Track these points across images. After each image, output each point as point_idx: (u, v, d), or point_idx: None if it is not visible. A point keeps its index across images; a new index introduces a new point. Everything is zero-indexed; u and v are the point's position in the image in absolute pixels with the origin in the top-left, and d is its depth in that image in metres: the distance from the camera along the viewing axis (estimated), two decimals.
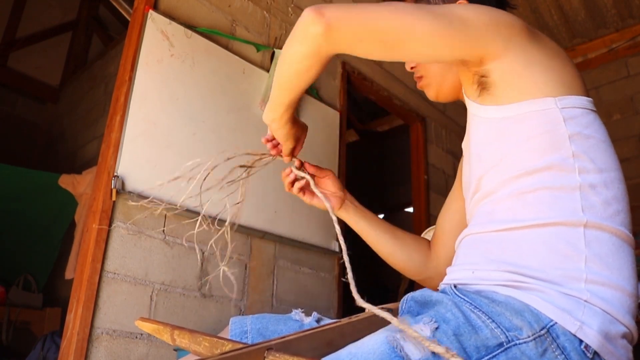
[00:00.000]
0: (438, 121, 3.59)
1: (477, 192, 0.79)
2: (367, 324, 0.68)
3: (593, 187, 0.69)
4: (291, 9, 2.65)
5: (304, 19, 0.70)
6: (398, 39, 0.69)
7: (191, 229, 1.92)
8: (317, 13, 0.68)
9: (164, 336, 0.71)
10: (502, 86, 0.73)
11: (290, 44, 0.75)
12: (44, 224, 3.20)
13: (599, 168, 0.70)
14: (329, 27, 0.68)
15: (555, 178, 0.69)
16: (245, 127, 2.21)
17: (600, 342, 0.61)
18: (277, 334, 0.81)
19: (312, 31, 0.69)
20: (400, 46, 0.70)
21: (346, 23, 0.68)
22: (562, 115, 0.71)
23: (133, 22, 2.00)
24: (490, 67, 0.73)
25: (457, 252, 0.82)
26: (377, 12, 0.68)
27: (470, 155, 0.83)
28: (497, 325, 0.61)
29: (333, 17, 0.68)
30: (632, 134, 3.68)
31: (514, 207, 0.71)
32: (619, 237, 0.68)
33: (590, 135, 0.72)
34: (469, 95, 0.80)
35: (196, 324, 1.87)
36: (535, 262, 0.67)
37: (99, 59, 3.90)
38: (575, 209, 0.68)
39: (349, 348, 0.60)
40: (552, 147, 0.70)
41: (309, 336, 0.60)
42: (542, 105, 0.71)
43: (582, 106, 0.73)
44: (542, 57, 0.73)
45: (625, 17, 3.73)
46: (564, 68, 0.75)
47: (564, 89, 0.72)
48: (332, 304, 2.43)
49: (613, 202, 0.69)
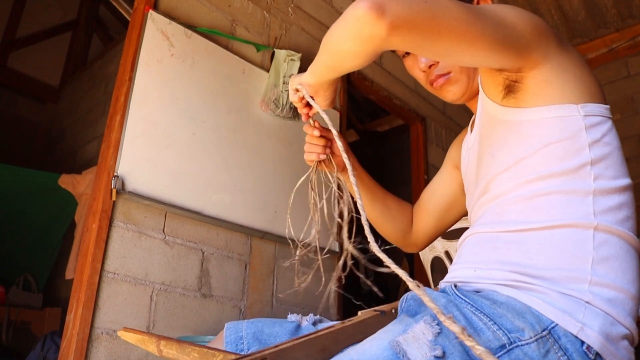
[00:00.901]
0: (438, 121, 3.58)
1: (486, 193, 0.79)
2: (360, 327, 0.67)
3: (607, 192, 0.69)
4: (291, 9, 2.64)
5: (361, 15, 0.60)
6: (459, 48, 0.66)
7: (191, 229, 1.92)
8: (377, 11, 0.59)
9: (150, 347, 0.67)
10: (531, 92, 0.73)
11: (340, 37, 0.66)
12: (44, 224, 3.20)
13: (614, 175, 0.71)
14: (392, 30, 0.60)
15: (569, 183, 0.69)
16: (245, 127, 2.21)
17: (601, 343, 0.61)
18: (273, 337, 0.81)
19: (370, 32, 0.61)
20: (458, 54, 0.68)
21: (411, 27, 0.61)
22: (584, 123, 0.71)
23: (133, 22, 2.00)
24: (526, 74, 0.73)
25: (460, 250, 0.82)
26: (441, 17, 0.62)
27: (481, 153, 0.82)
28: (499, 327, 0.61)
29: (397, 19, 0.60)
30: (632, 134, 3.68)
31: (525, 210, 0.71)
32: (627, 242, 0.69)
33: (609, 142, 0.72)
34: (491, 96, 0.78)
35: (196, 324, 1.87)
36: (542, 262, 0.67)
37: (99, 59, 3.90)
38: (587, 212, 0.68)
39: (349, 354, 0.59)
40: (572, 153, 0.70)
41: (302, 343, 0.59)
42: (565, 111, 0.71)
43: (602, 114, 0.73)
44: (571, 65, 0.73)
45: (625, 17, 3.73)
46: (588, 75, 0.75)
47: (587, 96, 0.73)
48: (332, 304, 2.43)
49: (624, 208, 0.70)
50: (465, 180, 0.95)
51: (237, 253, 2.07)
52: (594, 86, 0.75)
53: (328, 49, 0.71)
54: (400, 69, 3.30)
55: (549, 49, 0.72)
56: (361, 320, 0.68)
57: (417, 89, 3.41)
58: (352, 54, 0.67)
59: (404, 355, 0.55)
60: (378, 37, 0.61)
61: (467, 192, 0.93)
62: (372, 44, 0.63)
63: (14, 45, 4.27)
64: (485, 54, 0.68)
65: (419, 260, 1.63)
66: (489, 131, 0.80)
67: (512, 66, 0.72)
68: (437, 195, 1.07)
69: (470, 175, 0.90)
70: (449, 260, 1.55)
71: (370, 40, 0.62)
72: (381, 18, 0.59)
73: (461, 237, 0.83)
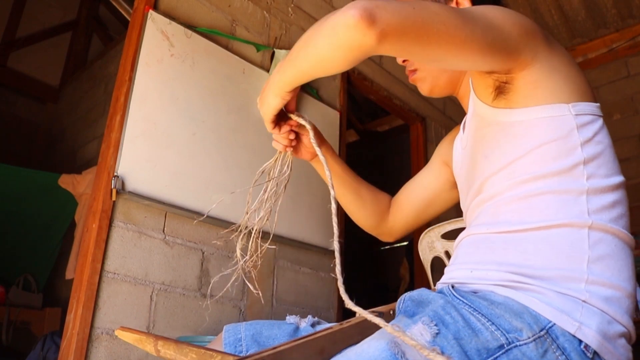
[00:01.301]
0: (438, 121, 3.58)
1: (480, 194, 0.79)
2: (358, 329, 0.67)
3: (600, 191, 0.70)
4: (291, 9, 2.65)
5: (351, 24, 0.59)
6: (449, 54, 0.66)
7: (191, 229, 1.92)
8: (367, 19, 0.58)
9: (147, 347, 0.66)
10: (522, 93, 0.73)
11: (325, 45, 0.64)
12: (44, 224, 3.20)
13: (606, 173, 0.71)
14: (383, 39, 0.59)
15: (563, 183, 0.70)
16: (245, 127, 2.21)
17: (599, 341, 0.61)
18: (272, 339, 0.81)
19: (361, 41, 0.60)
20: (448, 59, 0.68)
21: (401, 34, 0.60)
22: (575, 122, 0.71)
23: (133, 22, 2.00)
24: (516, 75, 0.73)
25: (456, 251, 0.82)
26: (430, 24, 0.61)
27: (474, 154, 0.82)
28: (497, 328, 0.61)
29: (388, 27, 0.59)
30: (632, 134, 3.68)
31: (520, 210, 0.71)
32: (621, 239, 0.69)
33: (600, 141, 0.72)
34: (481, 98, 0.78)
35: (196, 324, 1.87)
36: (538, 262, 0.67)
37: (99, 59, 3.90)
38: (582, 212, 0.68)
39: (347, 355, 0.59)
40: (564, 153, 0.70)
41: (300, 345, 0.59)
42: (556, 111, 0.71)
43: (593, 112, 0.73)
44: (560, 64, 0.74)
45: (625, 17, 3.73)
46: (577, 74, 0.75)
47: (577, 95, 0.73)
48: (332, 304, 2.43)
49: (617, 206, 0.71)
50: (459, 181, 0.95)
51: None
52: (583, 85, 0.75)
53: (309, 56, 0.68)
54: (400, 69, 3.30)
55: (537, 48, 0.72)
56: (359, 321, 0.68)
57: (417, 89, 3.40)
58: (338, 62, 0.65)
59: (402, 356, 0.55)
60: (368, 46, 0.60)
61: (461, 192, 0.93)
62: (360, 52, 0.62)
63: (14, 45, 4.27)
64: (475, 57, 0.68)
65: (419, 260, 1.63)
66: (481, 133, 0.80)
67: (502, 68, 0.72)
68: (421, 187, 1.08)
69: (463, 176, 0.90)
70: (449, 260, 1.55)
71: (359, 48, 0.61)
72: (372, 27, 0.58)
73: (457, 238, 0.83)
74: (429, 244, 1.54)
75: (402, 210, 1.09)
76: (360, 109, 4.94)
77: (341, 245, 0.69)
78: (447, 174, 1.05)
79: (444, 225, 1.49)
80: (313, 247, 2.35)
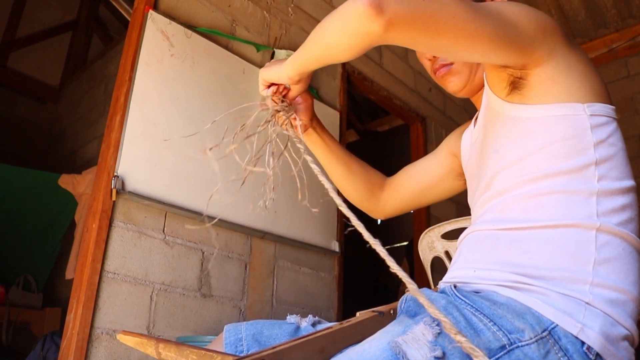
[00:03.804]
0: (438, 121, 3.58)
1: (488, 190, 0.79)
2: (359, 328, 0.67)
3: (610, 193, 0.69)
4: (291, 9, 2.64)
5: (360, 11, 0.61)
6: (457, 45, 0.66)
7: (191, 229, 1.92)
8: (376, 7, 0.60)
9: (148, 350, 0.67)
10: (537, 89, 0.73)
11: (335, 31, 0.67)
12: (44, 224, 3.20)
13: (618, 176, 0.71)
14: (390, 27, 0.61)
15: (573, 182, 0.69)
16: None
17: (602, 343, 0.61)
18: (272, 338, 0.81)
19: (369, 29, 0.61)
20: (456, 51, 0.68)
21: (408, 24, 0.61)
22: (589, 122, 0.71)
23: (133, 22, 2.00)
24: (530, 71, 0.72)
25: (460, 248, 0.81)
26: (438, 15, 0.62)
27: (484, 148, 0.82)
28: (499, 328, 0.61)
29: (396, 17, 0.60)
30: (632, 134, 3.68)
31: (528, 208, 0.71)
32: (629, 243, 0.68)
33: (613, 143, 0.72)
34: (496, 92, 0.78)
35: (196, 324, 1.87)
36: (542, 261, 0.67)
37: (99, 59, 3.90)
38: (590, 213, 0.68)
39: (348, 355, 0.59)
40: (577, 153, 0.70)
41: (300, 344, 0.59)
42: (571, 110, 0.71)
43: (608, 114, 0.73)
44: (578, 64, 0.73)
45: (625, 17, 3.73)
46: (595, 75, 0.75)
47: (593, 95, 0.72)
48: (332, 304, 2.43)
49: (627, 209, 0.70)
50: (467, 175, 0.95)
51: (237, 253, 2.07)
52: (599, 86, 0.74)
53: (319, 41, 0.71)
54: (400, 69, 3.30)
55: (555, 46, 0.72)
56: (360, 321, 0.68)
57: (417, 89, 3.40)
58: (345, 48, 0.67)
59: (404, 356, 0.55)
60: (375, 34, 0.62)
61: (469, 187, 0.93)
62: (368, 39, 0.64)
63: (14, 45, 4.27)
64: (483, 51, 0.68)
65: (419, 260, 1.63)
66: (493, 127, 0.79)
67: (515, 63, 0.71)
68: (424, 171, 1.08)
69: (472, 170, 0.90)
70: (449, 260, 1.55)
71: (368, 35, 0.63)
72: (380, 15, 0.60)
73: (462, 234, 0.83)
74: (429, 244, 1.54)
75: (398, 190, 1.09)
76: (360, 109, 4.94)
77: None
78: (452, 163, 1.05)
79: (444, 225, 1.49)
80: (313, 247, 2.35)
